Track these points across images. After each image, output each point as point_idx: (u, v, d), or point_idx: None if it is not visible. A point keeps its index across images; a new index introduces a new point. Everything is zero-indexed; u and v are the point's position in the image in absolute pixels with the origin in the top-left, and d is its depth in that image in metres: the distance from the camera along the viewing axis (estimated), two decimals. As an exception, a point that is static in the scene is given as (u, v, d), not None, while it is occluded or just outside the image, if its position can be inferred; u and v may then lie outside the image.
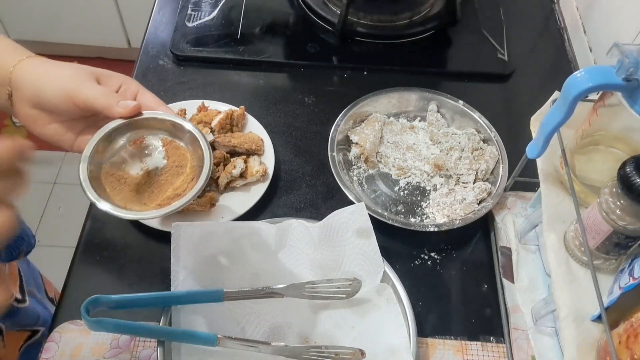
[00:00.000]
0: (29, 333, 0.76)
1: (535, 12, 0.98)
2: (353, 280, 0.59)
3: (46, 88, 0.54)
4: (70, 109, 0.54)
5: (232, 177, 0.69)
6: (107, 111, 0.54)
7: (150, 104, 0.57)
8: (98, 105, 0.54)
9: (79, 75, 0.55)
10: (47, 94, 0.54)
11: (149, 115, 0.56)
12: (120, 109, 0.54)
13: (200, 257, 0.62)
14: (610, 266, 0.56)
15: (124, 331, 0.57)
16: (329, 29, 0.90)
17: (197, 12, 0.92)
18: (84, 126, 0.58)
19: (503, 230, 0.68)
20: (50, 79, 0.54)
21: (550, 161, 0.62)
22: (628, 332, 0.46)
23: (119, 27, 1.93)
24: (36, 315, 0.77)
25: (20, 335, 0.74)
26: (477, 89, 0.86)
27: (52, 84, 0.54)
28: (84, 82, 0.54)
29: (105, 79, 0.57)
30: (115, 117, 0.55)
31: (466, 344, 0.61)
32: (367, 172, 0.75)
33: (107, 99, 0.54)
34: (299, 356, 0.55)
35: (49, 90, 0.54)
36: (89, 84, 0.54)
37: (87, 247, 0.67)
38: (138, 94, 0.57)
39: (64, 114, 0.56)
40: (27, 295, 0.77)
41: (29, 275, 0.80)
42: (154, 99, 0.57)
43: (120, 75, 0.58)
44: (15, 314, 0.72)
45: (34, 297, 0.79)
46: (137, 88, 0.58)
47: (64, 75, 0.54)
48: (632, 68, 0.45)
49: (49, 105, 0.55)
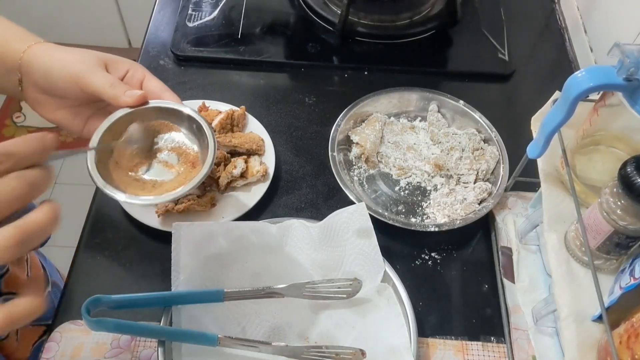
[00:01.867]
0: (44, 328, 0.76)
1: (535, 12, 0.98)
2: (353, 280, 0.59)
3: (54, 73, 0.55)
4: (78, 94, 0.55)
5: (233, 177, 0.69)
6: (114, 101, 0.55)
7: (156, 90, 0.58)
8: (105, 95, 0.54)
9: (86, 61, 0.55)
10: (56, 79, 0.55)
11: (154, 104, 0.57)
12: (127, 98, 0.55)
13: (201, 257, 0.62)
14: (611, 266, 0.56)
15: (124, 331, 0.57)
16: (329, 29, 0.90)
17: (198, 12, 0.92)
18: (93, 111, 0.59)
19: (504, 230, 0.68)
20: (58, 64, 0.55)
21: (551, 161, 0.62)
22: (629, 332, 0.46)
23: (119, 27, 1.93)
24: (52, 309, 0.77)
25: (35, 331, 0.75)
26: (477, 89, 0.86)
27: (61, 70, 0.54)
28: (92, 69, 0.55)
29: (113, 64, 0.58)
30: (122, 106, 0.55)
31: (467, 344, 0.61)
32: (367, 172, 0.75)
33: (114, 90, 0.54)
34: (300, 356, 0.55)
35: (58, 76, 0.54)
36: (96, 71, 0.55)
37: (88, 247, 0.67)
38: (144, 79, 0.58)
39: (72, 99, 0.57)
40: (50, 286, 0.77)
41: (50, 267, 0.81)
42: (159, 85, 0.58)
43: (127, 61, 0.59)
44: None
45: (57, 287, 0.79)
46: (144, 74, 0.59)
47: (72, 60, 0.55)
48: (633, 68, 0.45)
49: (57, 90, 0.55)
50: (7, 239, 0.37)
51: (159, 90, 0.58)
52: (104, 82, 0.54)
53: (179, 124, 0.59)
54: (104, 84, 0.54)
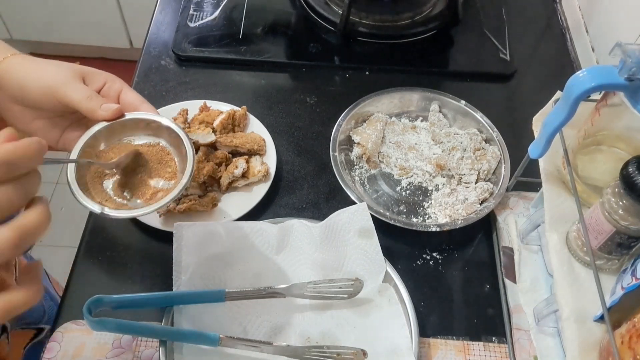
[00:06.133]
0: (34, 332, 0.76)
1: (537, 12, 0.98)
2: (355, 281, 0.59)
3: (31, 85, 0.54)
4: (54, 106, 0.55)
5: (234, 177, 0.69)
6: (90, 115, 0.54)
7: (134, 102, 0.57)
8: (82, 108, 0.54)
9: (63, 73, 0.55)
10: (31, 91, 0.54)
11: (131, 116, 0.56)
12: (103, 112, 0.54)
13: (202, 257, 0.62)
14: (612, 266, 0.56)
15: (126, 331, 0.57)
16: (330, 29, 0.90)
17: (199, 12, 0.92)
18: (69, 122, 0.58)
19: (505, 231, 0.68)
20: (34, 76, 0.54)
21: (553, 161, 0.62)
22: (630, 332, 0.46)
23: (121, 28, 1.93)
24: (41, 312, 0.77)
25: (25, 335, 0.74)
26: (479, 89, 0.86)
27: (37, 81, 0.54)
28: (69, 81, 0.54)
29: (90, 76, 0.57)
30: (98, 120, 0.55)
31: (468, 344, 0.61)
32: (369, 172, 0.75)
33: (90, 103, 0.54)
34: (301, 356, 0.55)
35: (34, 87, 0.54)
36: (73, 83, 0.55)
37: (89, 247, 0.67)
38: (121, 92, 0.58)
39: (48, 111, 0.56)
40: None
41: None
42: (137, 97, 0.58)
43: (104, 73, 0.59)
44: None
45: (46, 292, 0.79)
46: (121, 86, 0.58)
47: (49, 72, 0.55)
48: (635, 68, 0.45)
49: (33, 101, 0.55)
50: (5, 240, 0.37)
51: (136, 102, 0.57)
52: (80, 95, 0.54)
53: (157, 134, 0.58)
54: (81, 96, 0.54)
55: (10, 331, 0.71)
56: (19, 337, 0.73)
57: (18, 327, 0.73)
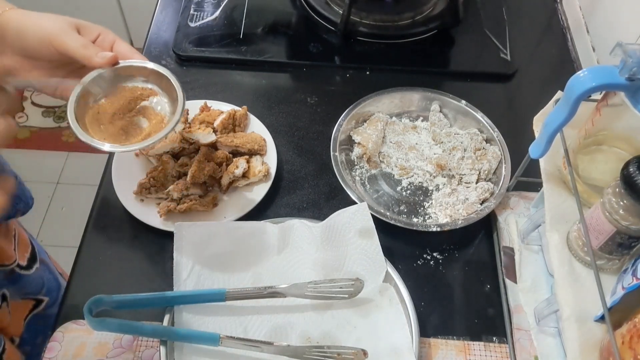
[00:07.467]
0: (34, 302, 0.77)
1: (538, 12, 0.98)
2: (355, 280, 0.59)
3: (29, 34, 0.56)
4: (52, 55, 0.57)
5: (235, 177, 0.69)
6: (87, 61, 0.57)
7: (126, 53, 0.60)
8: (78, 55, 0.56)
9: (59, 23, 0.57)
10: (30, 40, 0.56)
11: (124, 64, 0.60)
12: (98, 59, 0.57)
13: (203, 257, 0.62)
14: (613, 266, 0.56)
15: (126, 331, 0.57)
16: (331, 29, 0.90)
17: (200, 12, 0.92)
18: (66, 72, 0.61)
19: (506, 231, 0.68)
20: (33, 26, 0.57)
21: (553, 161, 0.62)
22: (631, 332, 0.46)
23: (121, 27, 1.94)
24: (40, 283, 0.79)
25: (24, 305, 0.76)
26: (479, 89, 0.86)
27: (36, 31, 0.56)
28: (66, 30, 0.57)
29: (85, 28, 0.60)
30: (94, 67, 0.58)
31: (469, 344, 0.61)
32: (369, 172, 0.75)
33: (86, 50, 0.57)
34: (302, 356, 0.55)
35: (32, 37, 0.56)
36: (69, 33, 0.57)
37: (90, 247, 0.67)
38: (115, 43, 0.60)
39: (46, 60, 0.58)
40: (38, 263, 0.79)
41: (38, 246, 0.82)
42: (129, 49, 0.61)
43: (98, 26, 0.61)
44: (17, 280, 0.74)
45: (45, 265, 0.81)
46: (114, 38, 0.61)
47: (45, 23, 0.57)
48: (635, 68, 0.45)
49: (31, 51, 0.57)
50: None
51: (128, 52, 0.60)
52: (77, 43, 0.56)
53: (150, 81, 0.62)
54: (77, 45, 0.56)
55: (10, 301, 0.71)
56: (18, 307, 0.75)
57: (18, 297, 0.74)
